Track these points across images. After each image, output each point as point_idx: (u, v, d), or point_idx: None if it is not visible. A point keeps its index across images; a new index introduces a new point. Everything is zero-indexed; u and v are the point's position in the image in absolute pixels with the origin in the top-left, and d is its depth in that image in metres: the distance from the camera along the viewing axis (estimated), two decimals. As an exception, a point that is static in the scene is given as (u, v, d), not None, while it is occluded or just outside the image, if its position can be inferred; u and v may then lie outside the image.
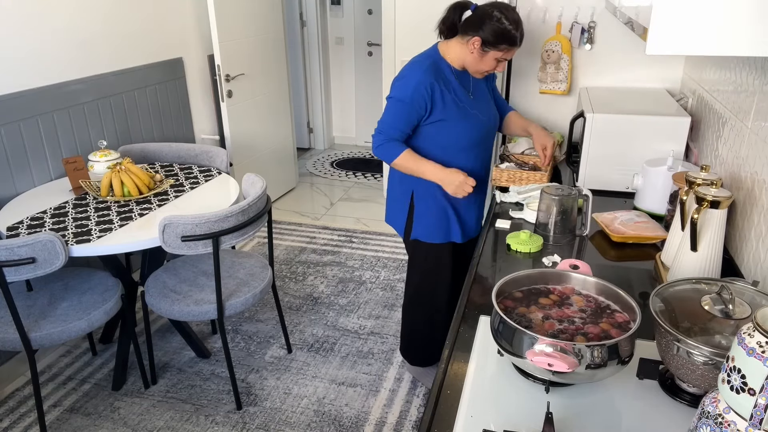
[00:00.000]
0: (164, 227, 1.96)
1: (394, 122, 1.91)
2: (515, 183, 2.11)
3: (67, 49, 2.69)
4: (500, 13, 1.81)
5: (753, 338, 0.70)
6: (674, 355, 0.98)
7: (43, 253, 1.87)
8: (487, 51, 1.85)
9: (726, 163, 1.71)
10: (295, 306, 3.02)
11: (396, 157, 1.93)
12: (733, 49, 1.04)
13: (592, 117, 2.01)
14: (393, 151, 1.93)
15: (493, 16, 1.81)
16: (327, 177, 5.01)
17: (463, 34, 1.88)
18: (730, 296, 1.00)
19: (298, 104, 5.53)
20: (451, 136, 1.95)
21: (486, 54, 1.86)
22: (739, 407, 0.71)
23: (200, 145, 2.86)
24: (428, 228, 2.08)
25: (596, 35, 2.46)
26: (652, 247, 1.66)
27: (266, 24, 4.03)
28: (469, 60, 1.90)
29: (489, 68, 1.91)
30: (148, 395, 2.38)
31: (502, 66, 1.92)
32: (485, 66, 1.90)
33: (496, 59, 1.88)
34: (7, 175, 2.45)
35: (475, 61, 1.89)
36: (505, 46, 1.84)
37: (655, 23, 1.05)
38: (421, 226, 2.08)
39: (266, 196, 2.24)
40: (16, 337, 1.97)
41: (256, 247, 3.72)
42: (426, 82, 1.86)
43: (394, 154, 1.93)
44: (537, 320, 1.09)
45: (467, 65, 1.93)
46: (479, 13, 1.84)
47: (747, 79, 1.59)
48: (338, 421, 2.25)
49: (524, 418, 1.01)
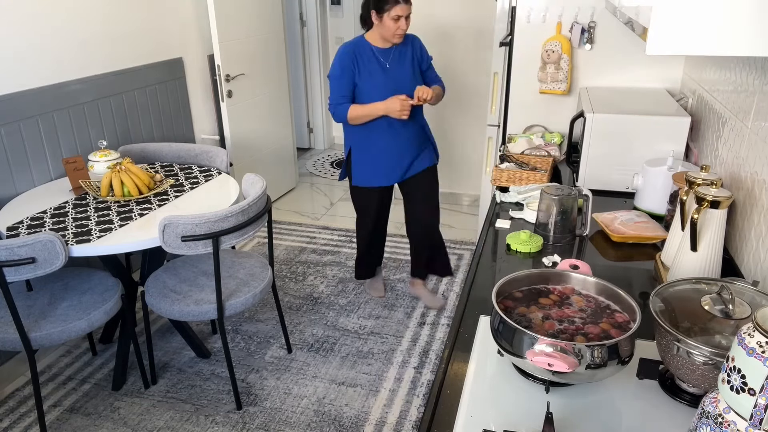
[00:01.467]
0: (164, 227, 1.96)
1: (335, 92, 2.52)
2: (515, 183, 2.11)
3: (67, 49, 2.69)
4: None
5: (753, 338, 0.70)
6: (674, 355, 0.98)
7: (43, 253, 1.87)
8: (382, 15, 2.40)
9: (726, 163, 1.71)
10: (295, 306, 3.02)
11: (347, 112, 2.51)
12: (733, 49, 1.04)
13: (592, 117, 2.01)
14: (342, 111, 2.52)
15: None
16: (327, 177, 5.00)
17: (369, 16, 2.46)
18: (730, 296, 1.00)
19: (298, 104, 5.53)
20: (364, 94, 2.52)
21: (382, 18, 2.41)
22: (739, 407, 0.71)
23: (200, 145, 2.86)
24: (359, 175, 2.69)
25: (596, 35, 2.46)
26: (652, 247, 1.66)
27: (266, 24, 4.03)
28: (380, 30, 2.46)
29: (393, 29, 2.42)
30: (148, 395, 2.38)
31: (402, 22, 2.42)
32: (389, 29, 2.43)
33: (392, 19, 2.39)
34: (7, 175, 2.45)
35: (381, 28, 2.45)
36: (389, 5, 2.36)
37: (655, 23, 1.05)
38: (355, 173, 2.69)
39: (266, 196, 2.24)
40: (16, 337, 1.97)
41: (256, 247, 3.72)
42: (346, 54, 2.48)
43: (344, 111, 2.51)
44: (537, 320, 1.09)
45: (383, 36, 2.48)
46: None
47: (747, 79, 1.59)
48: (338, 421, 2.25)
49: (524, 418, 1.01)
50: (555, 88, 2.54)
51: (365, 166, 2.67)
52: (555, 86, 2.54)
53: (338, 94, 2.52)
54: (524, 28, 2.54)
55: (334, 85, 2.52)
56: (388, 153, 2.64)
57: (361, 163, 2.67)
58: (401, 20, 2.41)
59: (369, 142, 2.63)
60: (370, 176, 2.69)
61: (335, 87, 2.52)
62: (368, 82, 2.51)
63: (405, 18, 2.42)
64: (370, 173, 2.68)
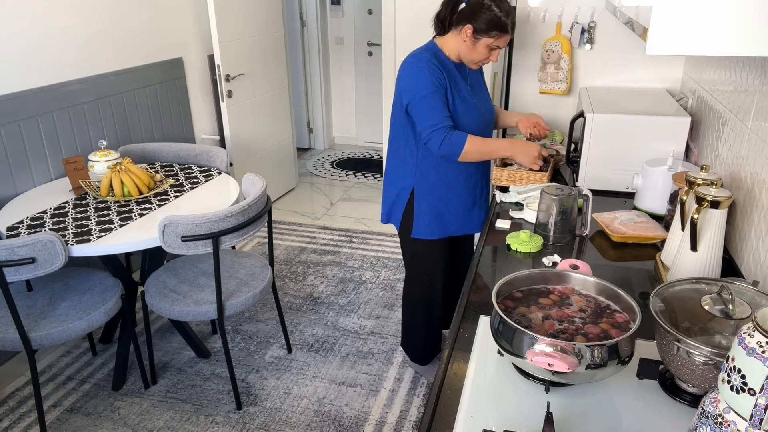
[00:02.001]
0: (164, 227, 1.96)
1: (439, 113, 1.90)
2: (515, 183, 2.11)
3: (67, 49, 2.69)
4: (491, 1, 1.85)
5: (753, 338, 0.70)
6: (674, 355, 0.98)
7: (43, 253, 1.87)
8: (479, 38, 1.88)
9: (726, 163, 1.71)
10: (295, 306, 3.02)
11: (464, 144, 1.91)
12: (733, 49, 1.04)
13: (592, 117, 2.01)
14: (458, 140, 1.91)
15: (484, 4, 1.86)
16: (327, 177, 5.01)
17: (457, 24, 1.92)
18: (730, 296, 1.00)
19: (298, 104, 5.53)
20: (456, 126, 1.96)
21: (478, 41, 1.89)
22: (739, 407, 0.71)
23: (200, 145, 2.86)
24: (428, 225, 2.11)
25: (596, 35, 2.46)
26: (652, 247, 1.66)
27: (266, 24, 4.03)
28: (463, 49, 1.93)
29: (482, 57, 1.94)
30: (148, 395, 2.38)
31: (495, 54, 1.94)
32: (478, 55, 1.93)
33: (489, 47, 1.90)
34: (7, 175, 2.45)
35: (468, 49, 1.92)
36: (496, 32, 1.87)
37: (655, 23, 1.05)
38: (421, 223, 2.11)
39: (266, 196, 2.24)
40: (16, 337, 1.97)
41: (256, 247, 3.72)
42: (435, 68, 1.90)
43: (461, 142, 1.91)
44: (537, 320, 1.09)
45: (462, 55, 1.96)
46: (471, 4, 1.89)
47: (747, 79, 1.59)
48: (338, 421, 2.25)
49: (524, 418, 1.01)
50: (555, 88, 2.55)
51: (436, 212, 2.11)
52: (555, 86, 2.54)
53: (441, 115, 1.89)
54: (524, 28, 2.54)
55: (432, 104, 1.89)
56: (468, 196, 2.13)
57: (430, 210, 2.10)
58: (496, 51, 1.93)
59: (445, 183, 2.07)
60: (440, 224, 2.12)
61: (430, 107, 1.89)
62: (460, 106, 1.96)
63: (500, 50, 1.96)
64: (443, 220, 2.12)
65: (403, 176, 2.09)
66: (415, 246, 2.18)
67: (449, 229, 2.14)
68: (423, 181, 2.05)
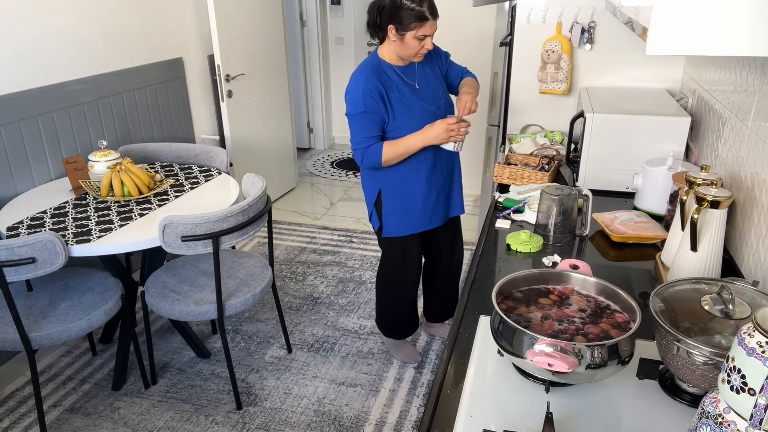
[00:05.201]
0: (164, 227, 1.96)
1: (362, 133, 2.04)
2: (516, 181, 2.11)
3: (67, 49, 2.69)
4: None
5: (753, 338, 0.70)
6: (674, 355, 0.98)
7: (43, 253, 1.87)
8: (404, 34, 1.96)
9: (726, 163, 1.71)
10: (295, 306, 3.02)
11: (381, 154, 2.04)
12: (733, 49, 1.04)
13: (592, 117, 2.01)
14: (375, 153, 2.05)
15: (396, 2, 1.92)
16: (327, 177, 5.00)
17: (383, 29, 2.01)
18: (730, 296, 1.00)
19: (298, 104, 5.53)
20: (401, 130, 2.06)
21: (404, 37, 1.96)
22: (739, 407, 0.71)
23: (200, 145, 2.86)
24: (396, 223, 2.24)
25: (596, 35, 2.46)
26: (652, 247, 1.66)
27: (266, 24, 4.03)
28: (397, 49, 2.01)
29: (415, 49, 1.99)
30: (148, 395, 2.38)
31: (427, 42, 1.98)
32: (411, 48, 1.98)
33: (416, 38, 1.96)
34: (7, 175, 2.45)
35: (400, 47, 2.00)
36: (415, 24, 1.92)
37: (655, 23, 1.05)
38: (389, 222, 2.24)
39: (266, 196, 2.24)
40: (16, 337, 1.97)
41: (256, 247, 3.72)
42: (369, 87, 1.99)
43: (377, 152, 2.04)
44: (537, 320, 1.09)
45: (399, 54, 2.03)
46: (388, 7, 1.96)
47: (747, 79, 1.59)
48: (338, 421, 2.25)
49: (524, 418, 1.01)
50: (555, 88, 2.54)
51: (403, 212, 2.22)
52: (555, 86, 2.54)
53: (363, 135, 2.03)
54: (524, 28, 2.54)
55: (358, 124, 2.03)
56: (430, 192, 2.21)
57: (397, 210, 2.21)
58: (427, 39, 1.97)
59: (407, 183, 2.17)
60: (409, 222, 2.24)
61: (360, 126, 2.03)
62: (405, 115, 2.05)
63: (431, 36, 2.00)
64: (410, 219, 2.23)
65: (373, 178, 2.22)
66: (387, 243, 2.33)
67: (417, 225, 2.25)
68: (387, 182, 2.18)
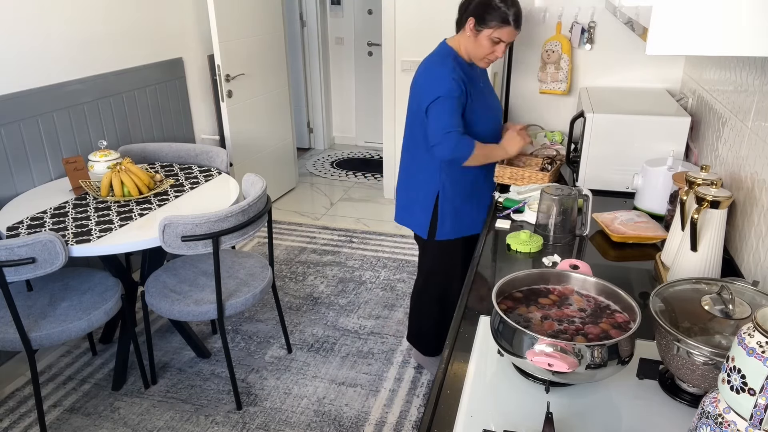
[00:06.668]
0: (164, 227, 1.96)
1: (452, 119, 1.90)
2: (517, 182, 2.11)
3: (67, 49, 2.69)
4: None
5: (753, 338, 0.70)
6: (674, 355, 0.98)
7: (43, 253, 1.87)
8: (481, 30, 1.88)
9: (726, 163, 1.71)
10: (295, 306, 3.02)
11: (473, 149, 1.92)
12: (733, 49, 1.04)
13: (592, 117, 2.01)
14: (468, 145, 1.92)
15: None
16: (327, 177, 5.00)
17: (464, 21, 1.93)
18: (730, 296, 1.00)
19: (298, 104, 5.53)
20: (475, 127, 1.98)
21: (480, 33, 1.89)
22: (739, 407, 0.71)
23: (200, 145, 2.86)
24: (451, 227, 2.13)
25: (596, 35, 2.46)
26: (652, 247, 1.66)
27: (266, 24, 4.03)
28: (469, 46, 1.94)
29: (486, 51, 1.92)
30: (148, 395, 2.38)
31: (500, 49, 1.92)
32: (483, 49, 1.92)
33: (491, 39, 1.89)
34: (7, 175, 2.45)
35: (472, 44, 1.93)
36: (495, 23, 1.86)
37: (655, 23, 1.05)
38: (445, 225, 2.13)
39: (266, 196, 2.24)
40: (16, 337, 1.97)
41: (256, 247, 3.72)
42: (456, 74, 1.90)
43: (470, 146, 1.92)
44: (537, 320, 1.09)
45: (469, 52, 1.96)
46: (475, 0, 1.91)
47: (747, 79, 1.59)
48: (338, 421, 2.25)
49: (524, 418, 1.01)
50: (555, 88, 2.55)
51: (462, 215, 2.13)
52: (555, 86, 2.54)
53: (457, 121, 1.90)
54: (524, 28, 2.54)
55: (448, 109, 1.89)
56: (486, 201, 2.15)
57: (455, 213, 2.11)
58: (500, 46, 1.91)
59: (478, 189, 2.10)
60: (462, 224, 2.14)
61: (450, 111, 1.89)
62: (484, 114, 1.98)
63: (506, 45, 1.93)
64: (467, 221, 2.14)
65: (427, 180, 2.08)
66: (437, 248, 2.19)
67: (469, 228, 2.16)
68: (450, 184, 2.06)
